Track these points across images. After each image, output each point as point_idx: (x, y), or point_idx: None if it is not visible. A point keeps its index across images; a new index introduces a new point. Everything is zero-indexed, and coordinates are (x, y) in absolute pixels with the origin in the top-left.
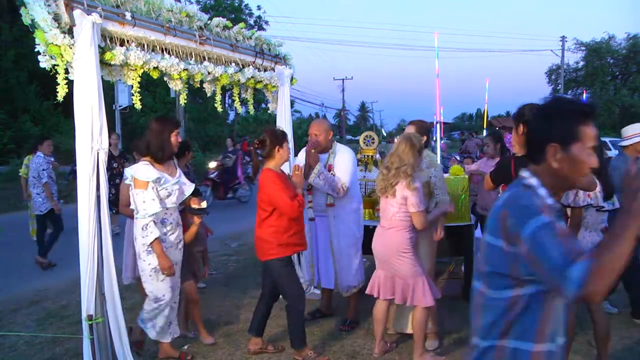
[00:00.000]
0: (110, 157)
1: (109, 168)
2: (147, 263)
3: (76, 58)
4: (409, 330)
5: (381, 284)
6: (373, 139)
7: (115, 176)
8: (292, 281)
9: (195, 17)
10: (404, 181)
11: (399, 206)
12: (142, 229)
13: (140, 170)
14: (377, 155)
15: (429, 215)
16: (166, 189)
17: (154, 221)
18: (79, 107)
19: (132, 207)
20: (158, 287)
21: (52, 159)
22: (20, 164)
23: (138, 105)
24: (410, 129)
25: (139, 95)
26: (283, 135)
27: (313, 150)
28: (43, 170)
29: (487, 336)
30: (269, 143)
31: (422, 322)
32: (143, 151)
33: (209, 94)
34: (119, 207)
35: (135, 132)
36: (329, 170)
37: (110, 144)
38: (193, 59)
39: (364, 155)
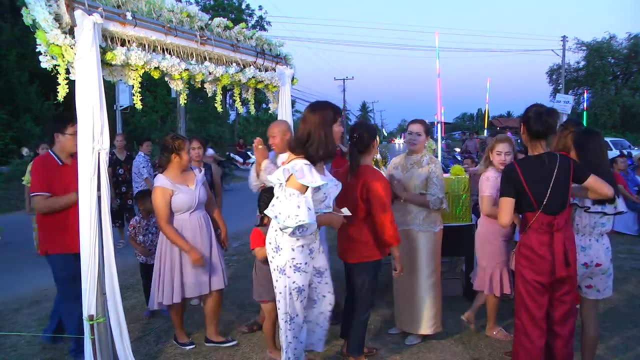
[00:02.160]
0: (115, 162)
1: (114, 174)
2: (292, 280)
3: (77, 58)
4: (413, 330)
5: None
6: None
7: (120, 184)
8: (372, 289)
9: (196, 17)
10: None
11: None
12: (290, 235)
13: (305, 171)
14: (378, 156)
15: (409, 194)
16: (325, 193)
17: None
18: (80, 107)
19: (276, 210)
20: (295, 307)
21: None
22: (21, 164)
23: (139, 105)
24: (415, 127)
25: (139, 95)
26: (374, 129)
27: (260, 146)
28: (143, 167)
29: None
30: (368, 136)
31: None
32: (297, 147)
33: (209, 94)
34: (124, 219)
35: (136, 132)
36: None
37: (115, 147)
38: (194, 59)
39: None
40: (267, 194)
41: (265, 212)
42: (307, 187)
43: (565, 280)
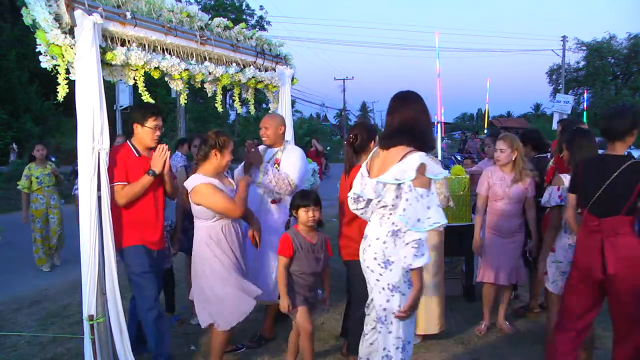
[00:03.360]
0: None
1: None
2: (406, 298)
3: (77, 58)
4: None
5: None
6: None
7: None
8: (365, 286)
9: (196, 17)
10: None
11: None
12: (412, 247)
13: (431, 162)
14: None
15: None
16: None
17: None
18: (81, 107)
19: (403, 214)
20: (410, 331)
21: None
22: (22, 164)
23: (147, 99)
24: None
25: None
26: (375, 129)
27: (252, 149)
28: (181, 166)
29: None
30: (366, 137)
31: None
32: (402, 137)
33: (209, 94)
34: None
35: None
36: (276, 164)
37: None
38: (194, 59)
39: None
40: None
41: (398, 219)
42: (431, 182)
43: (606, 284)
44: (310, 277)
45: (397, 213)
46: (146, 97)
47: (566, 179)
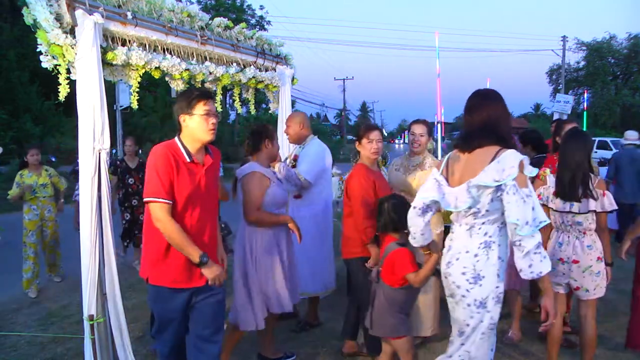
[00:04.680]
0: (125, 170)
1: (123, 185)
2: (491, 315)
3: (78, 58)
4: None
5: None
6: None
7: (131, 196)
8: (364, 287)
9: (196, 17)
10: None
11: None
12: (535, 253)
13: (526, 160)
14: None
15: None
16: None
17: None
18: (81, 107)
19: (516, 220)
20: (485, 348)
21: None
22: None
23: (135, 105)
24: (418, 128)
25: (137, 95)
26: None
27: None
28: None
29: None
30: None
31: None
32: (486, 136)
33: None
34: (135, 237)
35: (136, 132)
36: (294, 160)
37: (125, 153)
38: (194, 59)
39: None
40: (393, 206)
41: (514, 223)
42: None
43: None
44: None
45: (508, 219)
46: (134, 101)
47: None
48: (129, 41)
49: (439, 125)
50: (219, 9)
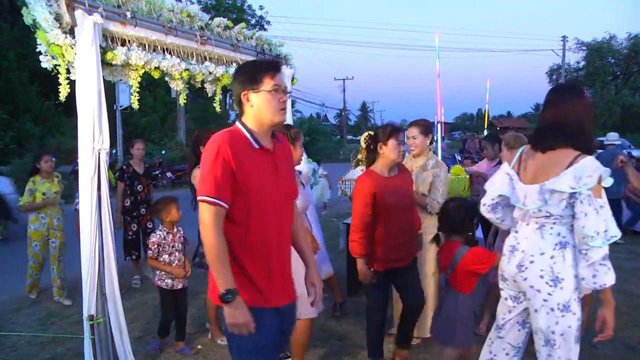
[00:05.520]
0: (133, 176)
1: (131, 192)
2: (577, 317)
3: (77, 58)
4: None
5: None
6: None
7: (139, 204)
8: (371, 292)
9: (196, 17)
10: None
11: None
12: (601, 264)
13: (603, 168)
14: None
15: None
16: None
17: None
18: (81, 107)
19: (589, 229)
20: (576, 354)
21: None
22: (22, 164)
23: (136, 105)
24: (411, 131)
25: (137, 95)
26: (390, 132)
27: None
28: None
29: None
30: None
31: None
32: (567, 139)
33: (209, 94)
34: (142, 249)
35: (136, 132)
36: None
37: (129, 155)
38: (194, 59)
39: (365, 156)
40: (457, 209)
41: (585, 234)
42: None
43: None
44: None
45: (580, 229)
46: (135, 101)
47: None
48: (129, 41)
49: (439, 125)
50: (219, 9)
